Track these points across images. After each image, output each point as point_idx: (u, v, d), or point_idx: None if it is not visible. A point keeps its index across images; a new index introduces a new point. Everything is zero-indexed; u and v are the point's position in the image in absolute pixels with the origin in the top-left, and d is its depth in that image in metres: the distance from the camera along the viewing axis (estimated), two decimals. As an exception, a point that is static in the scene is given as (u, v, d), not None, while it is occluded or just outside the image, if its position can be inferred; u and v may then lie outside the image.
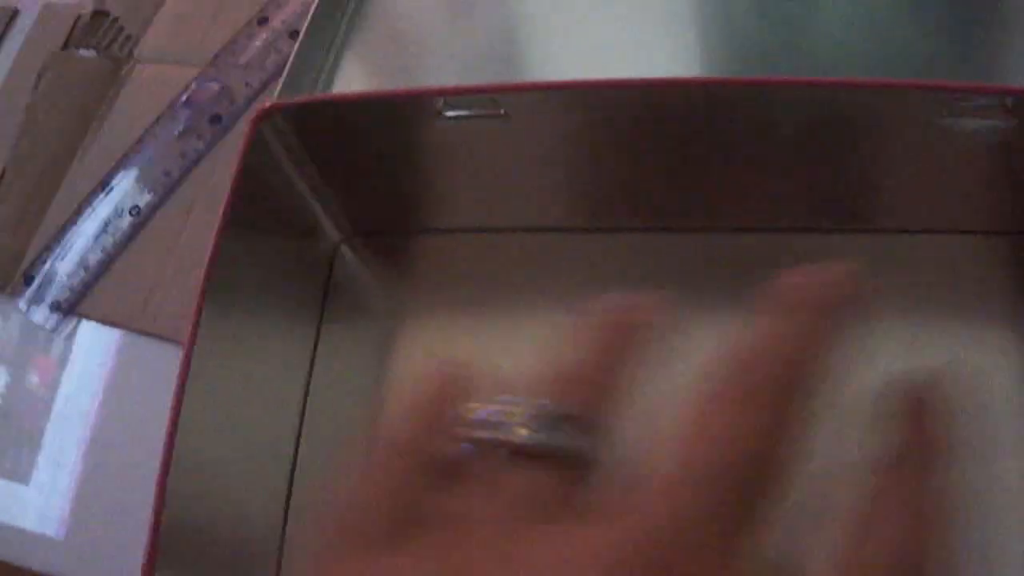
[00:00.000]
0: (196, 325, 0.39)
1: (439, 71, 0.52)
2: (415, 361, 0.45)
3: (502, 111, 0.40)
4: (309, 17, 0.49)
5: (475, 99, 0.40)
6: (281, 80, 0.46)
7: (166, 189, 0.54)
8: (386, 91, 0.41)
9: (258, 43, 0.57)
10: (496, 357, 0.45)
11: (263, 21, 0.57)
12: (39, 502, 0.49)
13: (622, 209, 0.45)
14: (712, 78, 0.41)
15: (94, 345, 0.52)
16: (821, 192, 0.44)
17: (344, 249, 0.48)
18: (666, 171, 0.44)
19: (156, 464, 0.36)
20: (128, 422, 0.50)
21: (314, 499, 0.43)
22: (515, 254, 0.47)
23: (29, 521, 0.49)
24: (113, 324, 0.53)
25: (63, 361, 0.53)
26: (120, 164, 0.56)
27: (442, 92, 0.40)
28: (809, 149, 0.42)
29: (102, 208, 0.55)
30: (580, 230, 0.47)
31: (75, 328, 0.53)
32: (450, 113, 0.40)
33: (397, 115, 0.42)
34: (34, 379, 0.53)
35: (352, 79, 0.50)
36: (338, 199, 0.46)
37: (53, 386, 0.52)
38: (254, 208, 0.42)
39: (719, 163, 0.43)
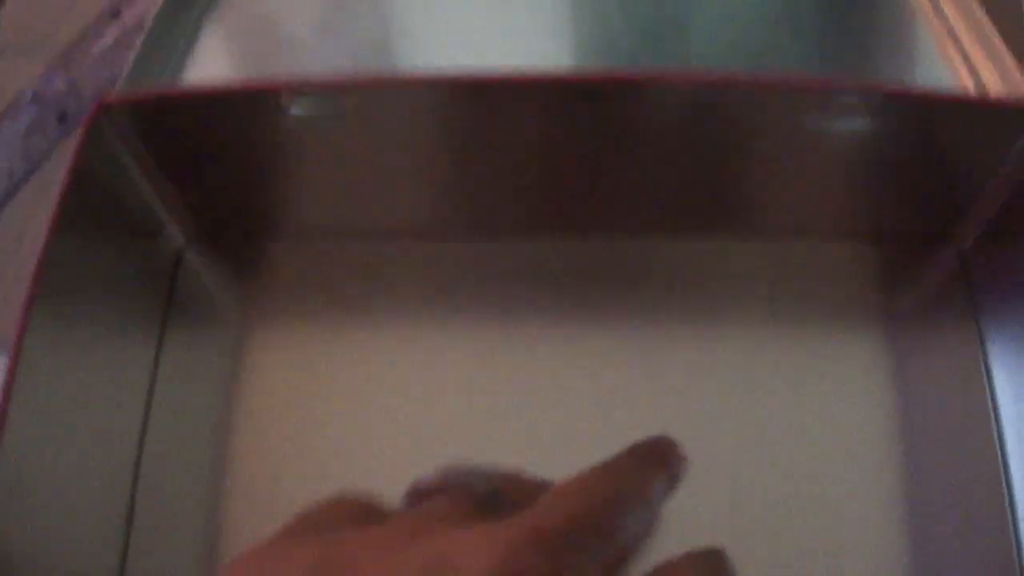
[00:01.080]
0: (22, 333, 0.36)
1: (304, 65, 0.49)
2: (266, 376, 0.42)
3: (350, 107, 0.38)
4: (158, 5, 0.46)
5: (321, 95, 0.37)
6: (124, 72, 0.44)
7: (7, 191, 0.51)
8: (226, 85, 0.38)
9: (109, 39, 0.53)
10: (351, 372, 0.43)
11: (115, 15, 0.54)
12: None
13: (487, 214, 0.44)
14: (580, 74, 0.39)
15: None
16: (691, 196, 0.43)
17: (190, 254, 0.45)
18: (534, 173, 0.42)
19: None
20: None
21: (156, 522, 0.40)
22: (374, 261, 0.44)
23: None
24: (-55, 335, 0.49)
25: None
26: (-41, 164, 0.52)
27: (285, 87, 0.37)
28: (679, 151, 0.41)
29: (-63, 210, 0.51)
30: (444, 236, 0.45)
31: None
32: (295, 110, 0.38)
33: (241, 111, 0.39)
34: None
35: (206, 74, 0.47)
36: (183, 200, 0.43)
37: None
38: (90, 208, 0.39)
39: (589, 165, 0.41)
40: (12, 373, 0.35)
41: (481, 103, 0.39)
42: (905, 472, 0.39)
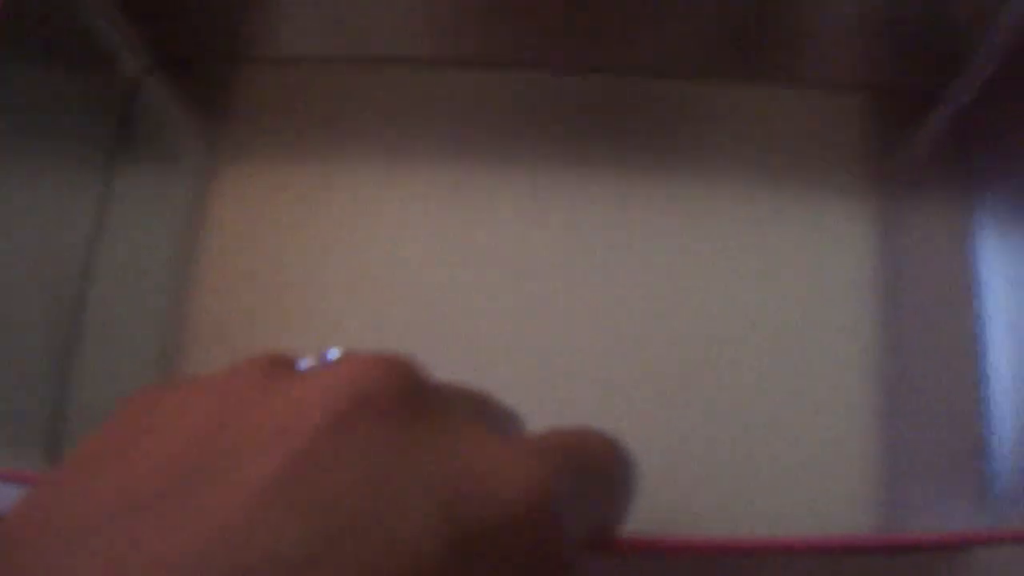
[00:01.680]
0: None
1: None
2: (234, 220, 0.40)
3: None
4: None
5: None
6: None
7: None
8: None
9: None
10: (329, 215, 0.40)
11: None
12: None
13: (490, 39, 0.40)
14: None
15: None
16: (688, 37, 0.41)
17: (148, 82, 0.42)
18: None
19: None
20: None
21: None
22: (358, 91, 0.41)
23: None
24: None
25: None
26: None
27: None
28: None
29: None
30: (438, 63, 0.42)
31: None
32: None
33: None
34: None
35: None
36: (138, 19, 0.39)
37: None
38: (27, 29, 0.35)
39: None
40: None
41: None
42: (882, 334, 0.39)
